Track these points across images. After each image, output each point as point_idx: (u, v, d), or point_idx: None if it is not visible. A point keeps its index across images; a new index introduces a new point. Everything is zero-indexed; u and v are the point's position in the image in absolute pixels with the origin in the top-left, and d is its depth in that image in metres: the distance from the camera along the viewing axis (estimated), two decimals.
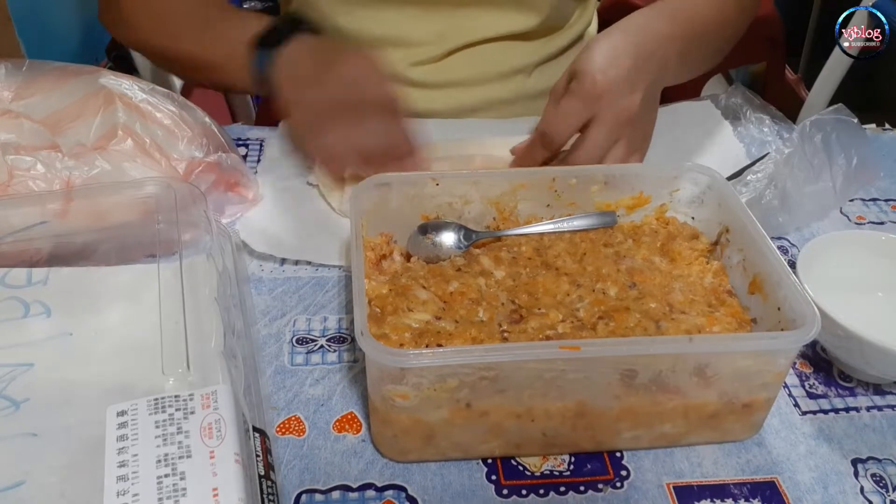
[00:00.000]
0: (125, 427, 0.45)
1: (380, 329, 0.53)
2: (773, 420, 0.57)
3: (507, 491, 0.51)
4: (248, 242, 0.67)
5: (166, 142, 0.68)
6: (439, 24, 0.86)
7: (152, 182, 0.63)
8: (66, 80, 0.70)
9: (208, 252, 0.59)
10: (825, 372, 0.61)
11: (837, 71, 1.26)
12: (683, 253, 0.62)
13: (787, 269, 0.53)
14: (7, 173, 0.62)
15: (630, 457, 0.54)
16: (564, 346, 0.47)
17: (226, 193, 0.71)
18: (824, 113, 0.73)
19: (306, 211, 0.73)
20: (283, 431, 0.54)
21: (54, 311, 0.56)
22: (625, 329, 0.54)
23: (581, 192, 0.65)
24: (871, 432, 0.56)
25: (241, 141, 0.83)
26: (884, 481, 0.53)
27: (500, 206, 0.65)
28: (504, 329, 0.54)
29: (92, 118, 0.67)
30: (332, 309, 0.64)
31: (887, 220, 0.77)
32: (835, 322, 0.55)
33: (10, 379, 0.51)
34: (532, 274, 0.59)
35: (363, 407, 0.56)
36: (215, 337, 0.52)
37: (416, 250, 0.62)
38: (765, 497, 0.51)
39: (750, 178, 0.72)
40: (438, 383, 0.48)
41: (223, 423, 0.45)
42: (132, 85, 0.70)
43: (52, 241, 0.62)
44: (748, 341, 0.52)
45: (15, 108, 0.67)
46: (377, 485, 0.51)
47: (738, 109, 0.88)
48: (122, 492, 0.42)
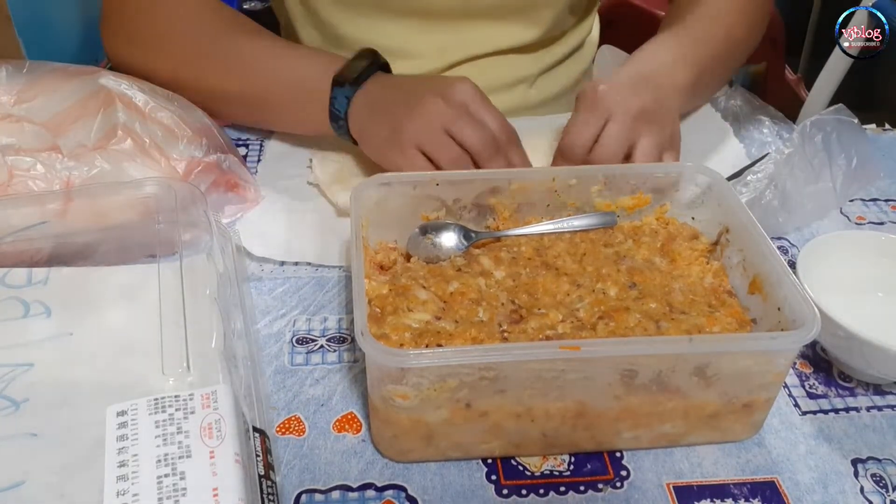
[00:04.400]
0: (125, 427, 0.45)
1: (380, 329, 0.53)
2: (773, 420, 0.57)
3: (507, 491, 0.51)
4: (247, 247, 0.67)
5: (166, 142, 0.68)
6: (441, 37, 0.86)
7: (152, 182, 0.63)
8: (66, 81, 0.70)
9: (208, 252, 0.59)
10: (825, 372, 0.61)
11: (837, 71, 1.26)
12: (683, 253, 0.62)
13: (787, 270, 0.53)
14: (7, 173, 0.62)
15: (630, 457, 0.54)
16: (564, 346, 0.47)
17: (226, 193, 0.71)
18: (824, 113, 0.73)
19: (306, 211, 0.73)
20: (283, 431, 0.54)
21: (54, 311, 0.56)
22: (625, 329, 0.54)
23: (581, 193, 0.65)
24: (871, 432, 0.56)
25: (241, 141, 0.83)
26: (884, 481, 0.53)
27: (500, 206, 0.65)
28: (504, 329, 0.54)
29: (92, 119, 0.67)
30: (332, 309, 0.64)
31: (887, 220, 0.77)
32: (835, 322, 0.55)
33: (10, 379, 0.51)
34: (532, 274, 0.59)
35: (363, 407, 0.56)
36: (215, 337, 0.52)
37: (416, 250, 0.62)
38: (765, 497, 0.51)
39: (750, 178, 0.72)
40: (438, 383, 0.48)
41: (223, 423, 0.45)
42: (132, 85, 0.70)
43: (52, 241, 0.62)
44: (748, 341, 0.52)
45: (16, 112, 0.67)
46: (377, 485, 0.51)
47: (738, 110, 0.88)
48: (122, 492, 0.42)
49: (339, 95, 0.70)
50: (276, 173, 0.77)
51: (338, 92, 0.70)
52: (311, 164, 0.77)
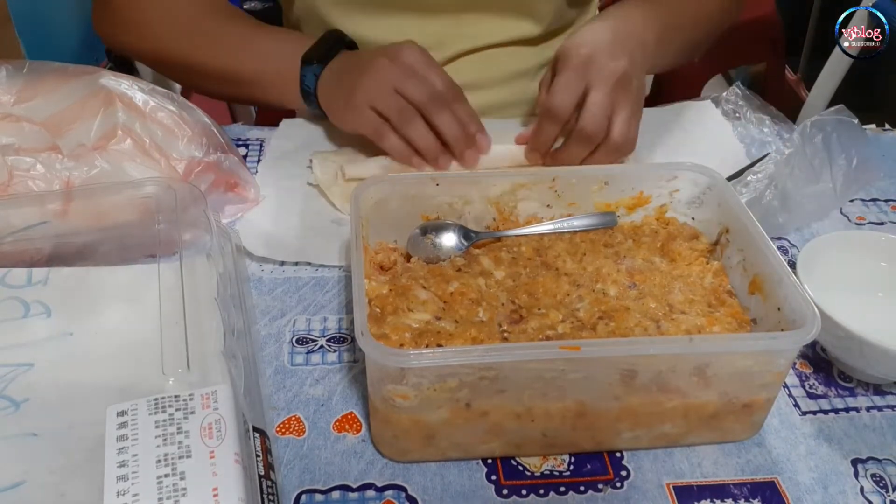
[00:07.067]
0: (125, 427, 0.45)
1: (380, 329, 0.53)
2: (773, 420, 0.57)
3: (507, 491, 0.51)
4: (247, 247, 0.67)
5: (166, 142, 0.68)
6: (440, 31, 0.86)
7: (152, 182, 0.63)
8: (66, 81, 0.70)
9: (208, 252, 0.59)
10: (825, 372, 0.61)
11: (837, 71, 1.26)
12: (683, 253, 0.62)
13: (787, 270, 0.53)
14: (7, 174, 0.62)
15: (630, 457, 0.54)
16: (564, 346, 0.47)
17: (225, 193, 0.71)
18: (824, 113, 0.73)
19: (306, 211, 0.73)
20: (283, 431, 0.54)
21: (54, 311, 0.56)
22: (625, 329, 0.54)
23: (581, 192, 0.65)
24: (871, 432, 0.56)
25: (241, 141, 0.83)
26: (884, 481, 0.53)
27: (500, 207, 0.65)
28: (504, 329, 0.54)
29: (92, 119, 0.67)
30: (332, 309, 0.64)
31: (887, 221, 0.77)
32: (835, 322, 0.55)
33: (10, 379, 0.51)
34: (532, 274, 0.59)
35: (363, 407, 0.56)
36: (215, 337, 0.52)
37: (416, 251, 0.62)
38: (765, 497, 0.51)
39: (750, 178, 0.72)
40: (438, 383, 0.48)
41: (223, 423, 0.45)
42: (132, 85, 0.70)
43: (52, 241, 0.62)
44: (748, 341, 0.52)
45: (16, 112, 0.67)
46: (377, 485, 0.51)
47: (738, 109, 0.88)
48: (122, 492, 0.42)
49: (308, 73, 0.76)
50: (276, 173, 0.77)
51: (307, 70, 0.76)
52: (311, 164, 0.77)
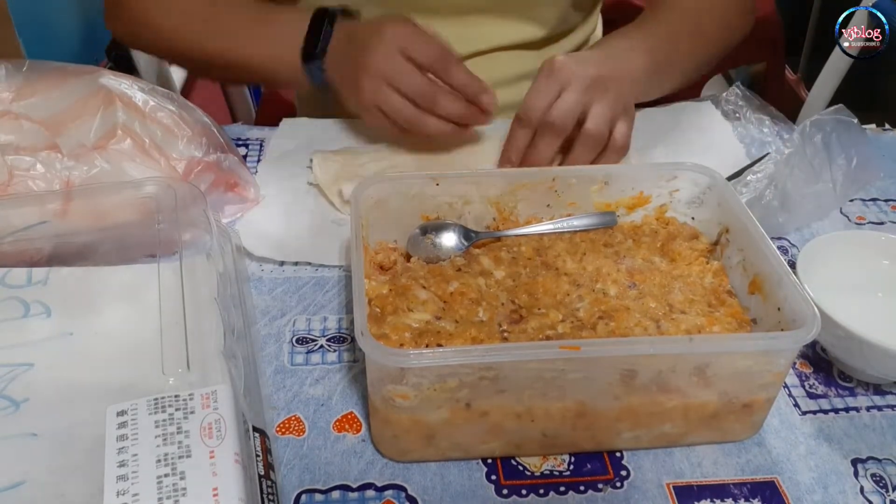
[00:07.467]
0: (125, 427, 0.45)
1: (380, 329, 0.53)
2: (773, 420, 0.57)
3: (507, 491, 0.51)
4: (247, 247, 0.67)
5: (166, 141, 0.68)
6: (444, 34, 0.86)
7: (152, 182, 0.63)
8: (65, 81, 0.70)
9: (208, 252, 0.59)
10: (825, 372, 0.61)
11: (837, 71, 1.26)
12: (683, 253, 0.62)
13: (787, 270, 0.53)
14: (7, 173, 0.62)
15: (630, 457, 0.54)
16: (564, 346, 0.47)
17: (225, 193, 0.71)
18: (824, 113, 0.73)
19: (306, 211, 0.73)
20: (283, 431, 0.54)
21: (54, 311, 0.56)
22: (625, 329, 0.54)
23: (581, 192, 0.65)
24: (871, 432, 0.56)
25: (241, 141, 0.83)
26: (884, 481, 0.53)
27: (500, 207, 0.65)
28: (504, 329, 0.54)
29: (92, 118, 0.67)
30: (332, 309, 0.64)
31: (887, 220, 0.77)
32: (835, 322, 0.55)
33: (10, 379, 0.51)
34: (532, 274, 0.59)
35: (363, 407, 0.56)
36: (215, 337, 0.52)
37: (416, 250, 0.62)
38: (765, 497, 0.51)
39: (750, 178, 0.72)
40: (438, 383, 0.48)
41: (223, 423, 0.45)
42: (132, 85, 0.70)
43: (52, 241, 0.62)
44: (748, 341, 0.52)
45: (15, 110, 0.67)
46: (377, 485, 0.51)
47: (738, 109, 0.88)
48: (122, 492, 0.42)
49: (315, 70, 0.76)
50: (276, 173, 0.77)
51: (311, 68, 0.76)
52: (311, 164, 0.77)
